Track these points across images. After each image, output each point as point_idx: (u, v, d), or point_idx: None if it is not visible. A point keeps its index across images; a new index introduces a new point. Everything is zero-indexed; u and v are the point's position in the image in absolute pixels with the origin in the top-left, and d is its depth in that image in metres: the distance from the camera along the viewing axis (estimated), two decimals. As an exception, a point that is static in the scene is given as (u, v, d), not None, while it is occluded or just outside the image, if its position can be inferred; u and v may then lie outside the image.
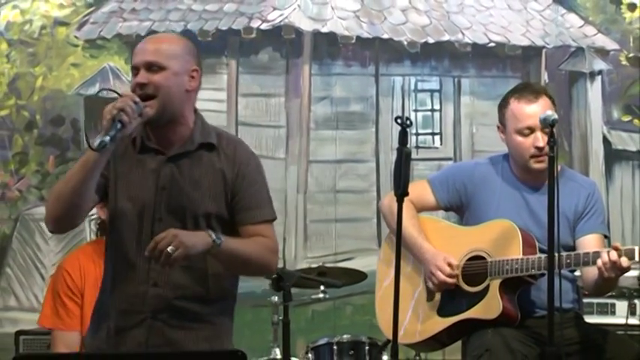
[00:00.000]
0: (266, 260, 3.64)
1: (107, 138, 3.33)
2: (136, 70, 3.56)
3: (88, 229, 6.37)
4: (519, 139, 4.17)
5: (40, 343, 5.55)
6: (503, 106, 4.26)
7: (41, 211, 6.45)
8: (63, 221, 3.57)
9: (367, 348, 5.35)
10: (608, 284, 4.10)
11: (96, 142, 3.36)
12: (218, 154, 3.62)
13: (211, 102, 6.54)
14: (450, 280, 4.16)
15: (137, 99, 3.45)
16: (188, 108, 3.61)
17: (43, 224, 6.46)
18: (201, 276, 3.59)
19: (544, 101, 4.19)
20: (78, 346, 4.63)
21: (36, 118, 6.50)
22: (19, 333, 5.81)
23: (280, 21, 6.59)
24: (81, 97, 6.54)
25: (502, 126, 4.26)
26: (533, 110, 4.13)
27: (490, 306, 4.11)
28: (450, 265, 4.18)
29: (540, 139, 4.08)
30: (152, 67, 3.53)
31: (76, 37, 6.54)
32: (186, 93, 3.59)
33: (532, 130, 4.13)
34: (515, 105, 4.20)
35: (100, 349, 3.58)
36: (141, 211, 3.56)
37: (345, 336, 5.41)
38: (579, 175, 4.53)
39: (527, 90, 4.27)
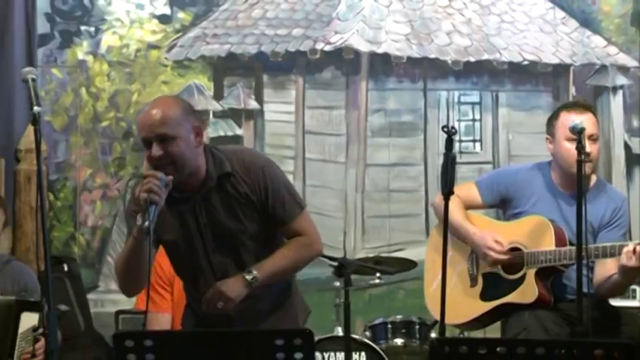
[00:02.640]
0: (306, 257, 3.63)
1: (147, 223, 3.26)
2: (147, 143, 3.42)
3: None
4: (569, 145, 4.10)
5: (137, 321, 5.57)
6: (553, 118, 4.21)
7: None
8: (132, 290, 3.64)
9: (417, 327, 5.34)
10: (626, 279, 4.02)
11: (136, 228, 3.32)
12: (236, 179, 3.53)
13: (282, 114, 6.56)
14: (502, 257, 4.13)
15: (159, 174, 3.34)
16: (200, 158, 3.50)
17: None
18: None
19: (591, 117, 4.14)
20: (169, 327, 4.65)
21: (132, 128, 6.53)
22: (118, 312, 5.84)
23: (341, 43, 6.58)
24: (170, 110, 6.57)
25: (551, 137, 4.19)
26: (583, 120, 4.07)
27: (527, 292, 4.08)
28: (497, 241, 4.15)
29: (588, 146, 3.98)
30: (163, 139, 3.39)
31: (165, 58, 6.58)
32: (196, 148, 3.47)
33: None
34: (565, 116, 4.15)
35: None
36: (193, 252, 3.54)
37: (398, 316, 5.40)
38: (611, 188, 4.44)
39: (578, 104, 4.26)
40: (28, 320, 4.30)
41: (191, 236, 3.53)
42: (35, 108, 3.19)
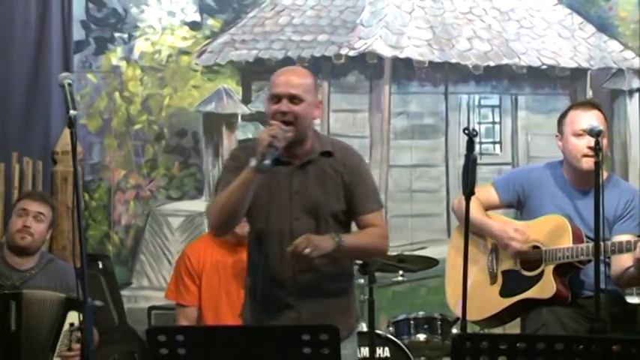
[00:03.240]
0: (379, 246, 3.73)
1: (268, 162, 3.42)
2: (277, 98, 3.60)
3: (206, 223, 6.45)
4: (574, 140, 4.11)
5: (168, 316, 5.60)
6: (562, 117, 4.22)
7: (168, 207, 6.55)
8: (226, 227, 3.70)
9: (439, 323, 5.33)
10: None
11: (253, 164, 3.46)
12: (335, 159, 3.69)
13: (308, 117, 6.55)
14: (524, 248, 4.12)
15: (283, 126, 3.52)
16: (311, 130, 3.69)
17: (170, 218, 6.55)
18: (333, 259, 3.64)
19: (598, 113, 4.14)
20: (196, 319, 4.67)
21: (164, 130, 6.56)
22: (151, 308, 5.88)
23: (365, 49, 6.58)
24: (200, 113, 6.59)
25: (560, 134, 4.20)
26: (589, 116, 4.08)
27: (545, 288, 4.06)
28: (517, 230, 4.13)
29: (592, 141, 4.00)
30: (294, 98, 3.59)
31: (196, 63, 6.60)
32: (312, 119, 3.67)
33: (586, 132, 4.07)
34: (572, 113, 4.17)
35: (259, 320, 3.65)
36: (279, 213, 3.62)
37: (420, 313, 5.39)
38: (624, 183, 4.41)
39: (585, 103, 4.31)
40: (69, 317, 4.34)
41: (281, 198, 3.63)
42: (71, 112, 3.21)
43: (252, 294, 3.71)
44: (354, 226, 3.79)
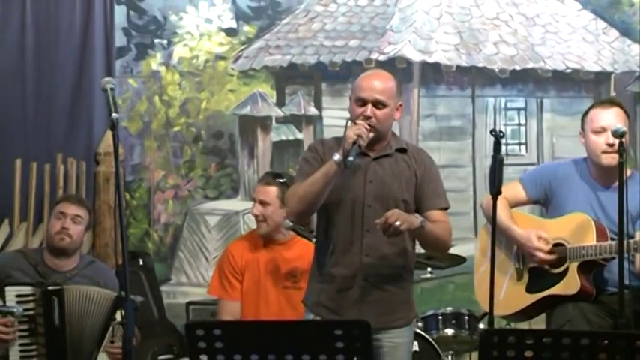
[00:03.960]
0: (448, 240, 3.78)
1: (351, 158, 3.49)
2: (362, 101, 3.66)
3: (242, 222, 6.46)
4: (594, 137, 4.08)
5: (206, 311, 5.61)
6: (584, 115, 4.20)
7: (206, 206, 6.56)
8: (304, 215, 3.80)
9: (467, 318, 5.30)
10: None
11: (337, 158, 3.53)
12: (409, 157, 3.76)
13: (339, 119, 6.52)
14: (549, 257, 4.09)
15: (367, 126, 3.59)
16: (390, 129, 3.77)
17: (207, 217, 6.56)
18: (401, 250, 3.72)
19: (618, 110, 4.10)
20: (239, 314, 4.67)
21: (201, 133, 6.58)
22: (189, 303, 5.89)
23: (394, 53, 6.57)
24: (236, 116, 6.60)
25: (582, 132, 4.17)
26: (608, 114, 4.05)
27: (570, 284, 4.02)
28: (541, 237, 4.10)
29: (611, 138, 3.96)
30: (378, 104, 3.65)
31: (232, 68, 6.61)
32: (393, 121, 3.74)
33: (605, 129, 4.03)
34: (593, 111, 4.14)
35: (324, 305, 3.69)
36: (353, 200, 3.68)
37: (448, 308, 5.36)
38: None
39: (605, 101, 4.25)
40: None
41: (355, 186, 3.68)
42: (113, 115, 3.23)
43: (316, 277, 3.76)
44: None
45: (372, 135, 3.61)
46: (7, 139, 6.10)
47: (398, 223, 3.50)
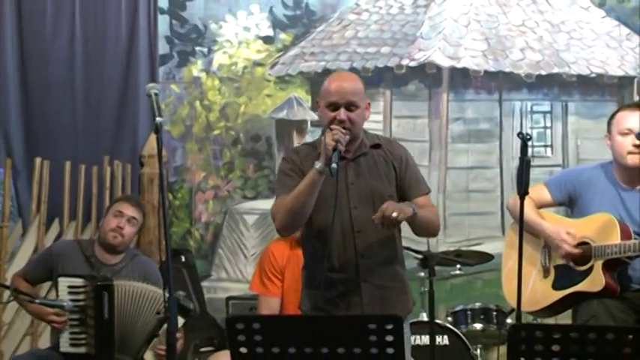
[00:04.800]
0: (437, 222, 3.71)
1: (335, 165, 3.39)
2: (334, 106, 3.55)
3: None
4: (620, 139, 4.05)
5: (245, 306, 5.63)
6: (611, 118, 4.16)
7: (244, 206, 6.58)
8: (293, 228, 3.66)
9: (495, 313, 5.28)
10: None
11: (319, 167, 3.44)
12: (384, 151, 3.67)
13: (371, 122, 6.49)
14: (574, 251, 4.06)
15: (343, 130, 3.49)
16: (362, 128, 3.65)
17: (245, 216, 6.58)
18: (390, 242, 3.63)
19: None
20: (278, 309, 4.68)
21: (240, 136, 6.60)
22: (229, 298, 5.91)
23: (424, 59, 6.55)
24: (273, 120, 6.61)
25: (609, 134, 4.14)
26: (634, 116, 4.03)
27: (595, 281, 3.99)
28: (569, 233, 4.07)
29: (637, 139, 3.94)
30: (350, 106, 3.55)
31: (269, 74, 6.63)
32: (364, 120, 3.63)
33: (631, 131, 4.00)
34: (620, 113, 4.12)
35: (321, 309, 3.60)
36: (338, 204, 3.54)
37: (477, 304, 5.34)
38: None
39: (633, 104, 4.23)
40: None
41: (338, 190, 3.56)
42: (157, 119, 3.23)
43: (312, 284, 3.65)
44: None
45: (348, 137, 3.50)
46: (58, 143, 6.16)
47: (395, 214, 3.42)
